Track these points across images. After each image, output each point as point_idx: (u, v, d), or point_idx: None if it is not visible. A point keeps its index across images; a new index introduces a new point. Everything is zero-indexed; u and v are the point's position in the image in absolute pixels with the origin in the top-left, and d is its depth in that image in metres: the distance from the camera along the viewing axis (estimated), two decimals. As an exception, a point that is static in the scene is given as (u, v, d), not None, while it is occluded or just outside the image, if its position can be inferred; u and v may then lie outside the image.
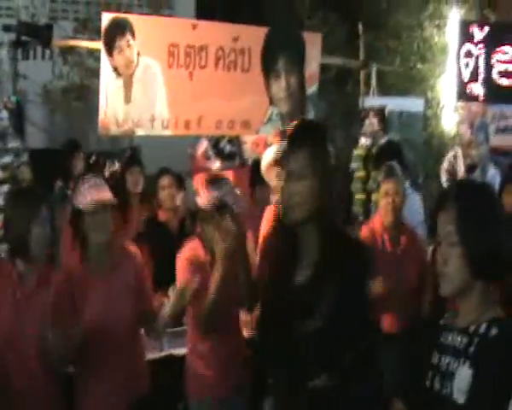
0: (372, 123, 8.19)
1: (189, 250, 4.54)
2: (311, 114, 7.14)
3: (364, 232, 5.69)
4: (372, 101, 8.59)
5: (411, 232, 5.70)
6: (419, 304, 5.49)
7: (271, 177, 5.54)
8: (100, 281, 4.25)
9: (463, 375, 2.63)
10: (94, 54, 7.51)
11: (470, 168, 8.43)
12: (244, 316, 5.08)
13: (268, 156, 5.62)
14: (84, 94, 10.35)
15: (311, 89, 7.22)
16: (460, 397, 2.61)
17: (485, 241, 2.62)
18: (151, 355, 4.93)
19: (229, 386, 4.57)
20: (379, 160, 6.54)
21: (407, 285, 5.48)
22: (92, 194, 4.22)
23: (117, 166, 9.02)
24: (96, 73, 6.91)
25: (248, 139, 8.22)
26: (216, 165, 8.44)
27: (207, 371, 4.56)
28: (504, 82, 9.23)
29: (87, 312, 4.15)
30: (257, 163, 6.71)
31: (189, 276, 4.38)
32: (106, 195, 4.27)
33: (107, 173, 8.45)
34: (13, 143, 5.89)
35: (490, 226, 2.64)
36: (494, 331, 2.59)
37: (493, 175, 8.74)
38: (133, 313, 4.32)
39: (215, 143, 8.54)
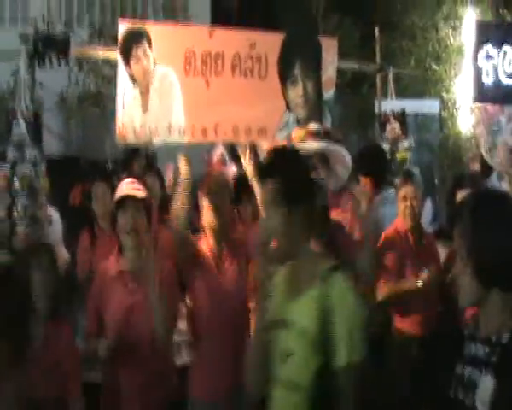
0: (393, 128, 8.17)
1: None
2: (327, 120, 7.13)
3: (388, 233, 5.69)
4: (389, 104, 8.57)
5: (430, 237, 5.71)
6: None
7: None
8: (131, 280, 4.33)
9: (486, 386, 2.62)
10: (110, 61, 7.51)
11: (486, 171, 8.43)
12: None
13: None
14: (100, 101, 10.39)
15: (328, 94, 7.21)
16: (483, 408, 2.61)
17: (494, 252, 2.61)
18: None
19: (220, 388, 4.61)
20: (360, 165, 6.49)
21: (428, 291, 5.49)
22: (124, 190, 4.35)
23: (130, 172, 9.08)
24: (111, 81, 6.95)
25: (264, 144, 8.22)
26: (232, 170, 8.45)
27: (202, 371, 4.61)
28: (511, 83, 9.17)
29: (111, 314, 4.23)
30: (241, 179, 6.70)
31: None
32: (138, 192, 4.38)
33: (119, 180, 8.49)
34: (30, 153, 5.91)
35: (499, 237, 2.63)
36: (516, 341, 2.59)
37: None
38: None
39: (231, 148, 8.55)
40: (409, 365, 5.58)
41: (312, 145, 5.22)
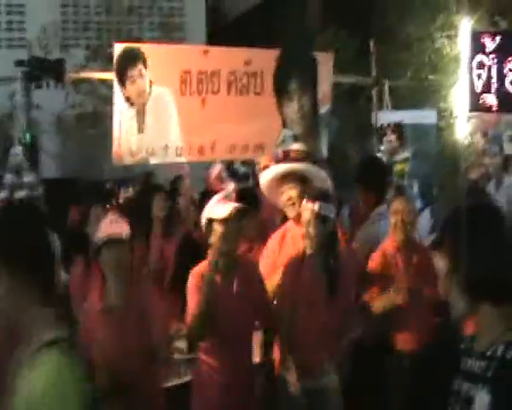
0: (390, 140, 8.19)
1: (200, 268, 4.62)
2: (324, 135, 7.16)
3: (376, 259, 5.68)
4: (385, 115, 8.60)
5: (425, 250, 5.67)
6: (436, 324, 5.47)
7: (276, 194, 5.49)
8: (115, 318, 4.30)
9: (482, 401, 2.61)
10: (106, 82, 7.55)
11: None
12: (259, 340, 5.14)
13: (270, 174, 5.53)
14: (97, 121, 10.41)
15: (324, 109, 7.24)
16: (479, 423, 2.61)
17: (482, 267, 2.61)
18: (170, 383, 4.96)
19: None
20: (360, 178, 6.50)
21: (420, 305, 5.48)
22: (107, 229, 4.31)
23: (131, 191, 9.11)
24: (108, 101, 6.96)
25: (262, 160, 8.23)
26: (230, 187, 8.47)
27: (210, 394, 4.59)
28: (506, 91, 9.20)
29: (98, 346, 4.19)
30: (244, 192, 6.72)
31: (194, 294, 4.47)
32: (121, 230, 4.34)
33: (121, 200, 8.52)
34: (28, 178, 5.93)
35: (487, 251, 2.63)
36: (511, 354, 2.58)
37: (509, 185, 8.74)
38: (146, 345, 4.37)
39: (228, 165, 8.58)
40: (404, 380, 5.58)
41: (297, 166, 5.27)
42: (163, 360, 4.58)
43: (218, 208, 4.46)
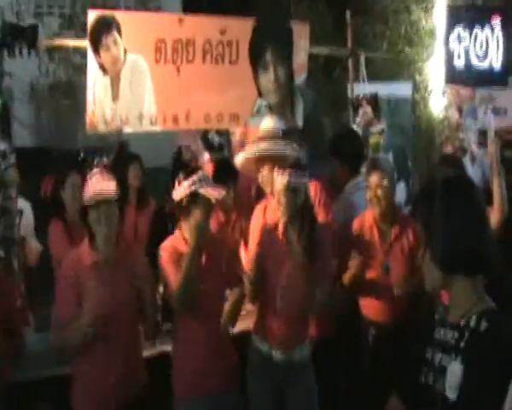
0: (366, 112, 8.16)
1: (170, 243, 4.69)
2: (299, 105, 7.13)
3: (356, 225, 5.72)
4: (361, 87, 8.56)
5: (406, 222, 5.68)
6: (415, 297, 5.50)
7: (251, 172, 5.54)
8: (105, 271, 4.34)
9: (454, 371, 2.63)
10: (80, 50, 7.45)
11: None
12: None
13: (245, 156, 5.54)
14: (71, 90, 10.31)
15: (300, 79, 7.20)
16: (451, 394, 2.61)
17: (453, 239, 2.62)
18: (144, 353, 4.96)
19: (215, 382, 4.64)
20: (334, 150, 6.50)
21: (395, 278, 5.51)
22: (95, 187, 4.33)
23: (105, 161, 9.05)
24: (82, 70, 6.88)
25: (237, 130, 8.19)
26: (205, 157, 8.43)
27: (191, 365, 4.64)
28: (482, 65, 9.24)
29: (89, 300, 4.21)
30: (221, 162, 6.74)
31: (172, 267, 4.54)
32: (109, 187, 4.36)
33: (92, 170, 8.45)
34: (0, 146, 5.84)
35: (459, 223, 2.63)
36: (484, 325, 2.59)
37: (483, 160, 8.78)
38: (134, 304, 4.47)
39: (203, 135, 8.53)
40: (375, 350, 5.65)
41: (271, 147, 5.29)
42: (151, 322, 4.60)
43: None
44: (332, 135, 8.24)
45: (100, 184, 4.38)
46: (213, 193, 4.55)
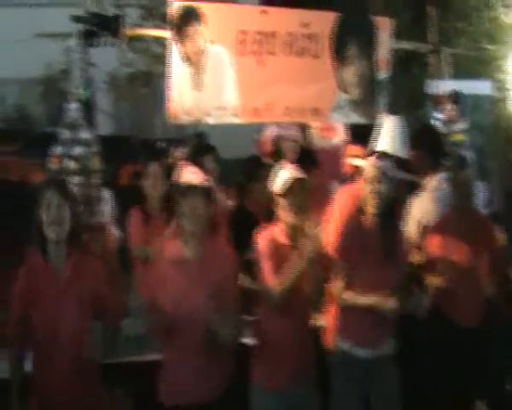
0: (448, 109, 8.00)
1: (269, 233, 4.72)
2: (381, 100, 7.02)
3: (437, 227, 5.66)
4: (441, 84, 8.42)
5: (485, 222, 5.61)
6: None
7: None
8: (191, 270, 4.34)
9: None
10: (160, 40, 7.49)
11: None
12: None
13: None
14: (150, 80, 10.38)
15: (382, 74, 7.09)
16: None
17: None
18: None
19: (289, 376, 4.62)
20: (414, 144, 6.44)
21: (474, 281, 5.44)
22: (188, 177, 4.37)
23: (181, 152, 9.09)
24: (161, 60, 6.91)
25: (315, 125, 8.13)
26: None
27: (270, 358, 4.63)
28: None
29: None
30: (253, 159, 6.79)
31: (268, 259, 4.54)
32: (201, 179, 4.40)
33: (170, 160, 8.49)
34: (84, 134, 5.92)
35: None
36: None
37: None
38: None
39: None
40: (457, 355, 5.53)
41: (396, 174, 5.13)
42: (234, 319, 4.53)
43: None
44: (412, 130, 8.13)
45: (192, 175, 4.46)
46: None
